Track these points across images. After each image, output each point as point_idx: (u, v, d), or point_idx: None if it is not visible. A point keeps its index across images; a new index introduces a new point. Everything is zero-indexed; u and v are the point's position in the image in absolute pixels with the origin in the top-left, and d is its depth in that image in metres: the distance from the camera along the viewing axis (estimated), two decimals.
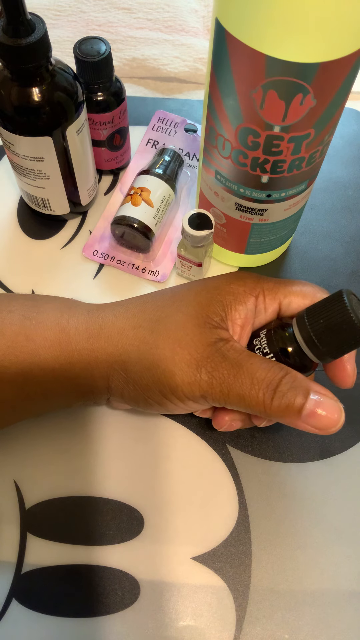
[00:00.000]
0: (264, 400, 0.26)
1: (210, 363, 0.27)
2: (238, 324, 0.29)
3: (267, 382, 0.26)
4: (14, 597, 0.33)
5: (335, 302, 0.25)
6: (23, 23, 0.31)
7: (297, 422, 0.26)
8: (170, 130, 0.49)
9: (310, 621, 0.33)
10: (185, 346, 0.28)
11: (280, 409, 0.26)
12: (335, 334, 0.26)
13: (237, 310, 0.28)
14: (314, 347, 0.26)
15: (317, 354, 0.27)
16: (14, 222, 0.46)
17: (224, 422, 0.31)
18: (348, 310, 0.24)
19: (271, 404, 0.26)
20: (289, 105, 0.27)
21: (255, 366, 0.26)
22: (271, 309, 0.29)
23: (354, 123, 0.51)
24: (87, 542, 0.34)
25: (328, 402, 0.26)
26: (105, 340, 0.29)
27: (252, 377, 0.26)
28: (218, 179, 0.35)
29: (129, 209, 0.41)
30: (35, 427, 0.37)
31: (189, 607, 0.33)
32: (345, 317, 0.25)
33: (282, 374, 0.26)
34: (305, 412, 0.25)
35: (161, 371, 0.28)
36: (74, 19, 0.59)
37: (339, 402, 0.26)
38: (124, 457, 0.37)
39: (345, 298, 0.25)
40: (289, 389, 0.26)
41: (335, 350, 0.26)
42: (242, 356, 0.27)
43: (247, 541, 0.35)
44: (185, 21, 0.59)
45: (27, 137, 0.36)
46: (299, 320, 0.27)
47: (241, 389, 0.26)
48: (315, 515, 0.35)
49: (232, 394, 0.26)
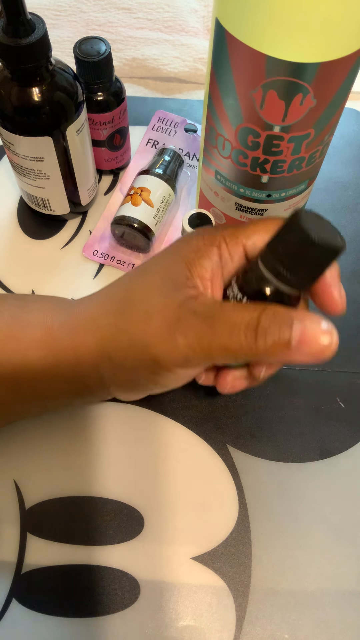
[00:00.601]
0: (248, 343, 0.24)
1: (182, 324, 0.25)
2: (207, 278, 0.27)
3: (245, 324, 0.24)
4: (14, 597, 0.33)
5: (291, 224, 0.23)
6: (23, 23, 0.31)
7: (290, 356, 0.24)
8: (170, 130, 0.49)
9: (310, 621, 0.33)
10: (154, 316, 0.26)
11: (268, 347, 0.24)
12: (300, 257, 0.24)
13: (202, 265, 0.27)
14: (283, 278, 0.25)
15: (290, 284, 0.25)
16: (14, 222, 0.46)
17: (227, 383, 0.30)
18: (304, 229, 0.22)
19: (256, 344, 0.24)
20: (289, 105, 0.27)
21: (229, 312, 0.25)
22: (237, 255, 0.27)
23: (354, 123, 0.51)
24: (87, 542, 0.34)
25: (316, 325, 0.24)
26: (85, 333, 0.29)
27: (229, 323, 0.24)
28: (218, 179, 0.35)
29: (129, 209, 0.41)
30: (35, 427, 0.37)
31: (189, 607, 0.33)
32: (303, 237, 0.23)
33: (258, 311, 0.24)
34: (295, 342, 0.23)
35: (139, 348, 0.27)
36: (74, 19, 0.59)
37: (329, 322, 0.24)
38: (124, 457, 0.37)
39: (300, 217, 0.23)
40: (270, 324, 0.24)
41: (307, 275, 0.24)
42: (214, 307, 0.25)
43: (247, 541, 0.35)
44: (185, 21, 0.59)
45: (27, 137, 0.36)
46: (263, 254, 0.25)
47: (221, 339, 0.24)
48: (315, 515, 0.35)
49: (213, 348, 0.25)
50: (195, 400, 0.39)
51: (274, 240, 0.25)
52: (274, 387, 0.39)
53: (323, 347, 0.23)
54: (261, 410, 0.38)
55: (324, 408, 0.39)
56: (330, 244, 0.23)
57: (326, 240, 0.23)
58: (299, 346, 0.23)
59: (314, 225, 0.23)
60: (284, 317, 0.24)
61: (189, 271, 0.27)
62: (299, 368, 0.40)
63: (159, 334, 0.26)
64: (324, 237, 0.23)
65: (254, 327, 0.24)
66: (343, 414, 0.38)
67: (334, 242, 0.23)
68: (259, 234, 0.27)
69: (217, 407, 0.38)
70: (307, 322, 0.24)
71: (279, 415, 0.38)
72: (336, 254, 0.23)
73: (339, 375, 0.40)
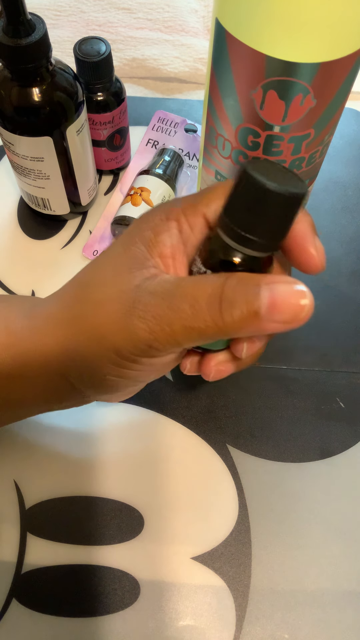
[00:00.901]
0: (213, 318, 0.21)
1: (138, 307, 0.23)
2: (167, 256, 0.24)
3: (207, 297, 0.21)
4: (14, 597, 0.33)
5: (241, 179, 0.20)
6: (23, 23, 0.31)
7: (262, 326, 0.21)
8: (170, 130, 0.49)
9: (310, 621, 0.33)
10: (109, 302, 0.24)
11: (235, 321, 0.21)
12: (257, 213, 0.21)
13: (160, 241, 0.24)
14: (248, 242, 0.22)
15: (254, 246, 0.22)
16: (14, 222, 0.46)
17: (210, 369, 0.27)
18: (255, 179, 0.19)
19: (222, 319, 0.21)
20: (289, 105, 0.27)
21: (188, 287, 0.22)
22: (198, 226, 0.25)
23: (354, 123, 0.51)
24: (87, 542, 0.34)
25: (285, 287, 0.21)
26: (44, 333, 0.26)
27: (189, 299, 0.22)
28: (218, 179, 0.35)
29: (129, 209, 0.41)
30: (35, 427, 0.37)
31: (189, 607, 0.33)
32: (255, 188, 0.20)
33: (221, 280, 0.21)
34: (264, 310, 0.20)
35: (97, 340, 0.24)
36: (74, 19, 0.59)
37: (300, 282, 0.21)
38: (124, 457, 0.37)
39: (248, 167, 0.20)
40: (234, 294, 0.21)
41: (272, 231, 0.21)
42: (172, 285, 0.23)
43: (247, 541, 0.35)
44: (185, 21, 0.59)
45: (27, 137, 0.36)
46: (220, 221, 0.22)
47: (183, 318, 0.22)
48: (315, 515, 0.35)
49: (176, 329, 0.22)
50: (195, 400, 0.39)
51: (228, 202, 0.22)
52: (274, 387, 0.39)
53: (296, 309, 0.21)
54: (261, 410, 0.38)
55: (324, 408, 0.39)
56: (289, 190, 0.20)
57: (283, 186, 0.19)
58: (269, 314, 0.21)
59: (266, 173, 0.20)
60: (250, 283, 0.21)
61: (148, 250, 0.24)
62: (299, 368, 0.40)
63: (115, 321, 0.23)
64: (281, 183, 0.20)
65: (217, 300, 0.21)
66: (343, 414, 0.38)
67: (294, 186, 0.20)
68: (218, 199, 0.24)
69: (217, 407, 0.38)
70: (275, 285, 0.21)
71: (279, 415, 0.38)
72: (298, 200, 0.20)
73: (339, 375, 0.40)
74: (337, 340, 0.41)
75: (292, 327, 0.21)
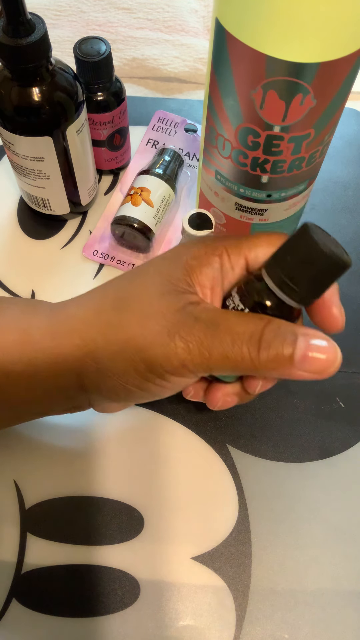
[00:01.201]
0: (250, 355, 0.24)
1: (182, 328, 0.25)
2: (207, 286, 0.26)
3: (249, 335, 0.24)
4: (14, 597, 0.33)
5: (300, 236, 0.23)
6: (23, 23, 0.31)
7: (291, 372, 0.24)
8: (170, 130, 0.49)
9: (310, 621, 0.33)
10: (152, 317, 0.25)
11: (270, 360, 0.24)
12: (307, 269, 0.23)
13: (203, 273, 0.26)
14: (289, 289, 0.24)
15: (294, 296, 0.25)
16: (14, 222, 0.46)
17: (217, 399, 0.29)
18: (315, 240, 0.23)
19: (259, 356, 0.24)
20: (289, 105, 0.27)
21: (233, 321, 0.24)
22: (238, 266, 0.27)
23: (354, 123, 0.51)
24: (87, 542, 0.34)
25: (320, 342, 0.24)
26: (69, 333, 0.27)
27: (232, 332, 0.24)
28: (218, 179, 0.35)
29: (129, 209, 0.41)
30: (35, 427, 0.37)
31: (189, 607, 0.33)
32: (313, 248, 0.23)
33: (263, 323, 0.24)
34: (298, 358, 0.23)
35: (132, 350, 0.25)
36: (74, 19, 0.59)
37: (332, 340, 0.24)
38: (124, 457, 0.37)
39: (310, 229, 0.23)
40: (274, 337, 0.24)
41: (313, 288, 0.24)
42: (217, 314, 0.25)
43: (247, 541, 0.35)
44: (185, 21, 0.59)
45: (27, 137, 0.36)
46: (268, 266, 0.25)
47: (222, 347, 0.24)
48: (315, 515, 0.35)
49: (214, 356, 0.24)
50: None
51: (281, 251, 0.25)
52: (274, 387, 0.39)
53: (326, 365, 0.24)
54: (261, 410, 0.38)
55: (324, 408, 0.39)
56: (339, 257, 0.23)
57: (335, 253, 0.23)
58: (301, 362, 0.23)
59: (322, 238, 0.23)
60: (288, 331, 0.24)
61: (190, 277, 0.26)
62: None
63: (156, 336, 0.25)
64: (333, 250, 0.23)
65: (257, 339, 0.24)
66: (343, 414, 0.38)
67: (342, 256, 0.23)
68: (262, 246, 0.27)
69: None
70: (311, 338, 0.24)
71: (279, 415, 0.38)
72: (343, 268, 0.23)
73: (339, 375, 0.40)
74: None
75: (317, 378, 0.24)
